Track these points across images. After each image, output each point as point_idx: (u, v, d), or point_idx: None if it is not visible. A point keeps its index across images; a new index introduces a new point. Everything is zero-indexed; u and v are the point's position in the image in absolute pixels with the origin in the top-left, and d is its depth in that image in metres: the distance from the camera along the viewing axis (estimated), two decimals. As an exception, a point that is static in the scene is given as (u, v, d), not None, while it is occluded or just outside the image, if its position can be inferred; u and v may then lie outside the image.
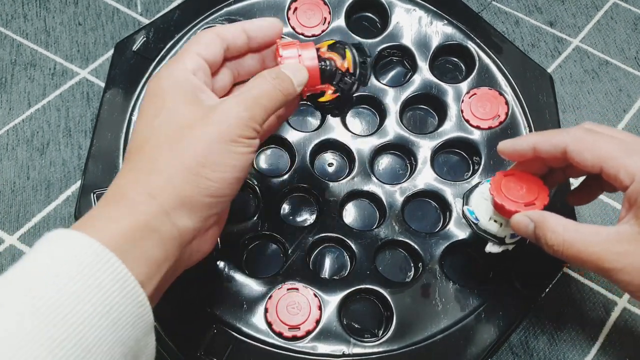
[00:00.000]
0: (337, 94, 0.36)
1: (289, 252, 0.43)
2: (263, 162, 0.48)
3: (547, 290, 0.45)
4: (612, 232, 0.31)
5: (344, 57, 0.36)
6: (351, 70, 0.36)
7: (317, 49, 0.36)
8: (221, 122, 0.30)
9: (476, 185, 0.40)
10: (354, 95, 0.37)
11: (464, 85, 0.49)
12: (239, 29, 0.35)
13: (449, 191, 0.46)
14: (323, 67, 0.36)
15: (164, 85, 0.32)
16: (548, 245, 0.33)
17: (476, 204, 0.39)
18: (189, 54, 0.33)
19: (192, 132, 0.30)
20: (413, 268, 0.44)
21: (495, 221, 0.38)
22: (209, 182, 0.30)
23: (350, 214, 0.47)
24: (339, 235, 0.44)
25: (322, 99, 0.37)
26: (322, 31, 0.49)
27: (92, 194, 0.43)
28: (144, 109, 0.32)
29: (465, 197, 0.40)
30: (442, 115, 0.49)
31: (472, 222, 0.38)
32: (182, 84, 0.32)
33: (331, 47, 0.37)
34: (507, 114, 0.48)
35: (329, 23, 0.50)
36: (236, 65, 0.37)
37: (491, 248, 0.39)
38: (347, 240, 0.44)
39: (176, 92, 0.32)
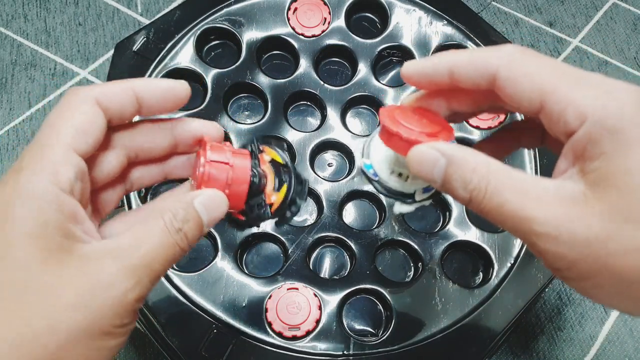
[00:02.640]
0: (243, 217, 0.28)
1: (289, 252, 0.43)
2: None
3: (547, 289, 0.45)
4: (551, 187, 0.22)
5: (279, 187, 0.28)
6: (274, 209, 0.28)
7: (255, 154, 0.29)
8: (91, 307, 0.21)
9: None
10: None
11: (463, 86, 0.49)
12: (129, 92, 0.25)
13: (448, 191, 0.46)
14: (253, 183, 0.27)
15: (16, 214, 0.21)
16: (466, 189, 0.23)
17: (375, 154, 0.29)
18: (60, 149, 0.22)
19: (43, 317, 0.20)
20: (413, 268, 0.44)
21: (399, 175, 0.28)
22: None
23: (350, 214, 0.47)
24: (339, 235, 0.44)
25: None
26: (322, 31, 0.49)
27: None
28: None
29: (364, 149, 0.30)
30: (442, 116, 0.49)
31: (371, 178, 0.29)
32: (46, 215, 0.21)
33: (274, 165, 0.29)
34: (506, 114, 0.48)
35: (329, 23, 0.50)
36: (130, 141, 0.26)
37: (400, 208, 0.30)
38: (347, 240, 0.44)
39: (34, 231, 0.21)
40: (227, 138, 0.46)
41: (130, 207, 0.43)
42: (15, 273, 0.20)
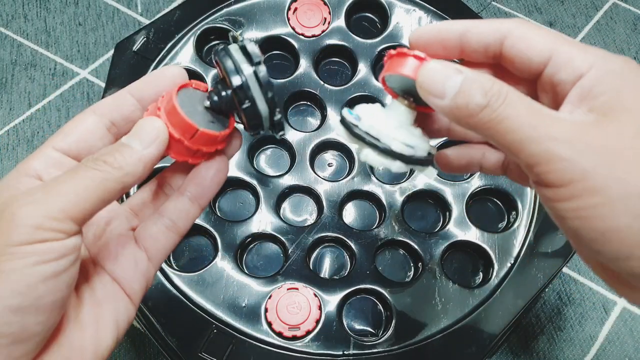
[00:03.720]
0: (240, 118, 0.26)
1: (289, 252, 0.43)
2: (263, 162, 0.48)
3: (547, 289, 0.45)
4: (563, 114, 0.23)
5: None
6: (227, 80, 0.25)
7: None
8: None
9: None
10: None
11: (463, 86, 0.49)
12: (124, 94, 0.26)
13: (448, 191, 0.46)
14: (214, 101, 0.26)
15: None
16: (486, 95, 0.23)
17: (379, 124, 0.26)
18: (42, 149, 0.24)
19: None
20: (413, 268, 0.44)
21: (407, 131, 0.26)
22: None
23: (350, 214, 0.47)
24: (339, 235, 0.44)
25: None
26: (322, 31, 0.49)
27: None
28: None
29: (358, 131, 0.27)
30: (442, 116, 0.49)
31: (351, 124, 0.26)
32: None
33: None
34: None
35: (329, 23, 0.50)
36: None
37: (426, 174, 0.28)
38: (347, 240, 0.44)
39: None
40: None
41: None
42: None
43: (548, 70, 0.24)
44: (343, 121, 0.27)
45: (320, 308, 0.40)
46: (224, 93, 0.26)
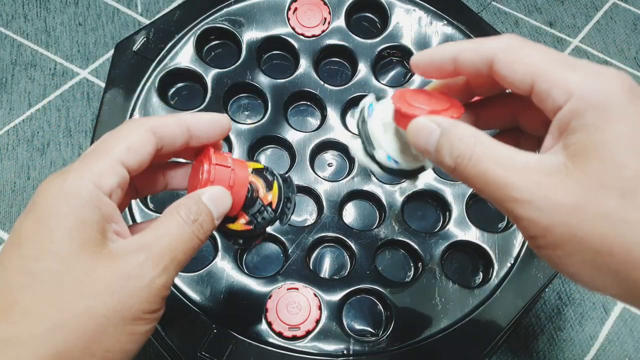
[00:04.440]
0: (250, 226, 0.31)
1: (289, 252, 0.43)
2: (263, 162, 0.48)
3: (547, 289, 0.45)
4: (533, 159, 0.23)
5: (270, 187, 0.31)
6: (274, 206, 0.31)
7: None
8: (123, 293, 0.23)
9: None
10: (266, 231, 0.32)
11: (463, 86, 0.49)
12: (182, 125, 0.28)
13: (448, 191, 0.46)
14: (248, 193, 0.30)
15: (60, 211, 0.23)
16: (452, 156, 0.24)
17: (386, 142, 0.29)
18: (109, 159, 0.25)
19: (81, 301, 0.23)
20: (413, 268, 0.44)
21: (410, 154, 0.28)
22: None
23: (350, 214, 0.47)
24: (339, 235, 0.44)
25: (232, 226, 0.31)
26: (322, 31, 0.49)
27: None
28: (21, 237, 0.23)
29: (366, 139, 0.29)
30: (442, 116, 0.49)
31: (362, 116, 0.29)
32: (86, 213, 0.24)
33: (257, 172, 0.32)
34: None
35: (329, 23, 0.50)
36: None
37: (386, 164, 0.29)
38: (347, 240, 0.44)
39: (74, 226, 0.23)
40: (226, 138, 0.46)
41: (131, 211, 0.43)
42: (56, 263, 0.23)
43: (533, 98, 0.24)
44: (362, 110, 0.29)
45: (320, 308, 0.40)
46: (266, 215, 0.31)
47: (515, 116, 0.29)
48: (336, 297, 0.41)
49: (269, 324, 0.40)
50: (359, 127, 0.29)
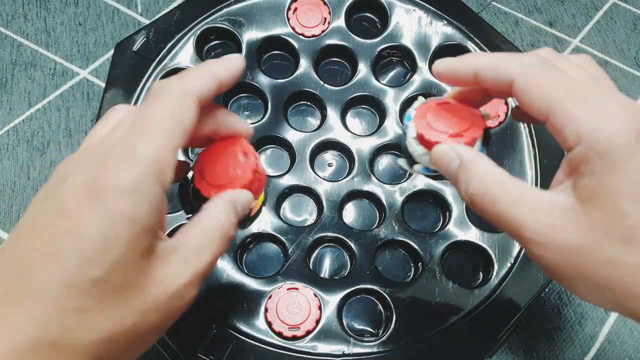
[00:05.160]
0: None
1: (289, 252, 0.43)
2: (263, 162, 0.48)
3: (547, 289, 0.45)
4: (544, 199, 0.25)
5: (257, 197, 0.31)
6: (253, 213, 0.33)
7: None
8: (165, 311, 0.24)
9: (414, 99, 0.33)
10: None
11: (463, 86, 0.49)
12: (213, 78, 0.26)
13: (448, 191, 0.46)
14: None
15: (125, 213, 0.22)
16: (467, 193, 0.26)
17: (418, 155, 0.31)
18: (170, 152, 0.23)
19: (137, 309, 0.23)
20: (413, 268, 0.44)
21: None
22: None
23: (350, 214, 0.47)
24: (339, 235, 0.44)
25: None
26: (322, 31, 0.49)
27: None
28: (84, 233, 0.21)
29: (409, 156, 0.32)
30: (442, 116, 0.49)
31: (404, 130, 0.32)
32: (152, 220, 0.22)
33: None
34: (506, 114, 0.48)
35: (329, 23, 0.50)
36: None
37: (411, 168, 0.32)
38: (347, 240, 0.44)
39: (137, 232, 0.22)
40: None
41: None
42: (117, 270, 0.22)
43: (548, 127, 0.26)
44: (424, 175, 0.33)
45: (320, 308, 0.40)
46: None
47: None
48: (336, 297, 0.41)
49: (269, 324, 0.40)
50: (401, 139, 0.32)
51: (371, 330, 0.42)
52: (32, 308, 0.21)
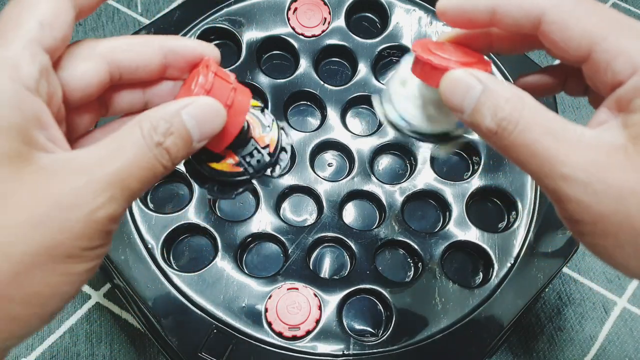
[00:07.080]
0: (240, 168, 0.26)
1: (289, 252, 0.43)
2: (263, 162, 0.48)
3: (547, 289, 0.45)
4: (588, 134, 0.20)
5: (268, 128, 0.27)
6: (271, 150, 0.27)
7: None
8: (52, 226, 0.18)
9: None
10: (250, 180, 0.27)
11: (463, 86, 0.49)
12: (153, 48, 0.23)
13: (448, 191, 0.46)
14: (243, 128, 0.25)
15: None
16: (495, 119, 0.21)
17: (400, 102, 0.26)
18: (22, 39, 0.19)
19: None
20: (413, 268, 0.44)
21: (429, 116, 0.26)
22: (9, 326, 0.18)
23: (350, 214, 0.47)
24: (339, 235, 0.44)
25: (216, 165, 0.26)
26: (322, 31, 0.49)
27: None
28: None
29: (383, 100, 0.27)
30: (442, 116, 0.49)
31: (403, 128, 0.27)
32: (2, 117, 0.18)
33: (253, 109, 0.27)
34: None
35: (329, 23, 0.50)
36: (113, 54, 0.23)
37: (439, 151, 0.29)
38: (347, 240, 0.44)
39: None
40: None
41: (131, 211, 0.43)
42: None
43: (586, 68, 0.22)
44: (392, 125, 0.27)
45: (320, 308, 0.40)
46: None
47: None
48: (336, 297, 0.41)
49: (269, 324, 0.40)
50: (414, 134, 0.27)
51: (371, 330, 0.42)
52: None
